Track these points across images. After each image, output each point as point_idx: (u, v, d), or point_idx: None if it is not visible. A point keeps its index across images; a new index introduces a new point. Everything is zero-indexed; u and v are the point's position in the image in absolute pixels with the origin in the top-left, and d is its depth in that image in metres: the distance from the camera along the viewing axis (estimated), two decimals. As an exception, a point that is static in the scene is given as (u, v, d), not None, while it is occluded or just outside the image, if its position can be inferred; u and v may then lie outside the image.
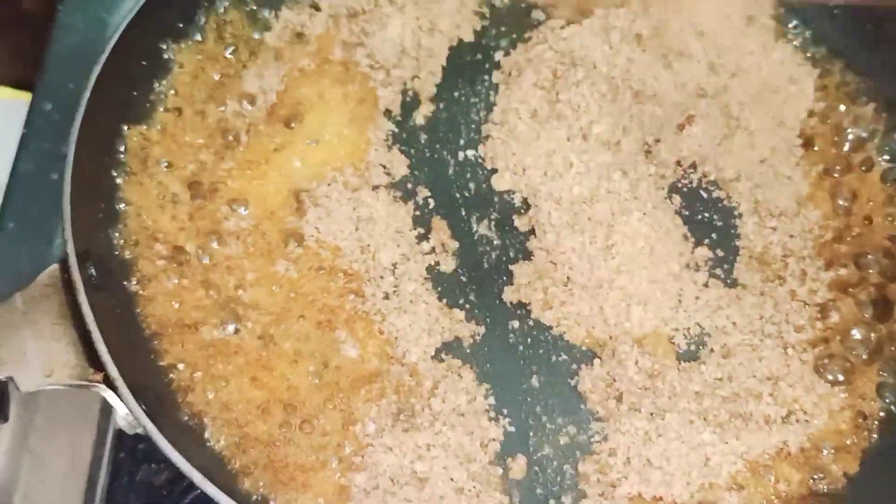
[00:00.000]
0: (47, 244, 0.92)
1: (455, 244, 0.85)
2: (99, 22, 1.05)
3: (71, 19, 1.04)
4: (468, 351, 0.81)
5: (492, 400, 0.79)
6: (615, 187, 0.83)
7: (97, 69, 0.82)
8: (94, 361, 0.68)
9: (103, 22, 1.05)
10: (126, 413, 0.66)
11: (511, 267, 0.83)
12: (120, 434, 0.77)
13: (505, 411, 0.78)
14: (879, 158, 0.87)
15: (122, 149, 0.84)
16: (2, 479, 0.78)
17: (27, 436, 0.72)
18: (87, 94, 0.79)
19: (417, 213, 0.86)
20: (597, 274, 0.80)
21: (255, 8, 0.93)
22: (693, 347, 0.80)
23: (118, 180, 0.83)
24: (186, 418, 0.73)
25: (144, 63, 0.89)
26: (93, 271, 0.73)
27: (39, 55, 1.05)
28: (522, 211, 0.86)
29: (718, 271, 0.83)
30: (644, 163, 0.86)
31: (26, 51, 1.10)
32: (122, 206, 0.82)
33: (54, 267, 0.71)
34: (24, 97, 1.08)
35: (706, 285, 0.82)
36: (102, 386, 0.67)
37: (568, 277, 0.81)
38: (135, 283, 0.79)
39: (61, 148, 0.95)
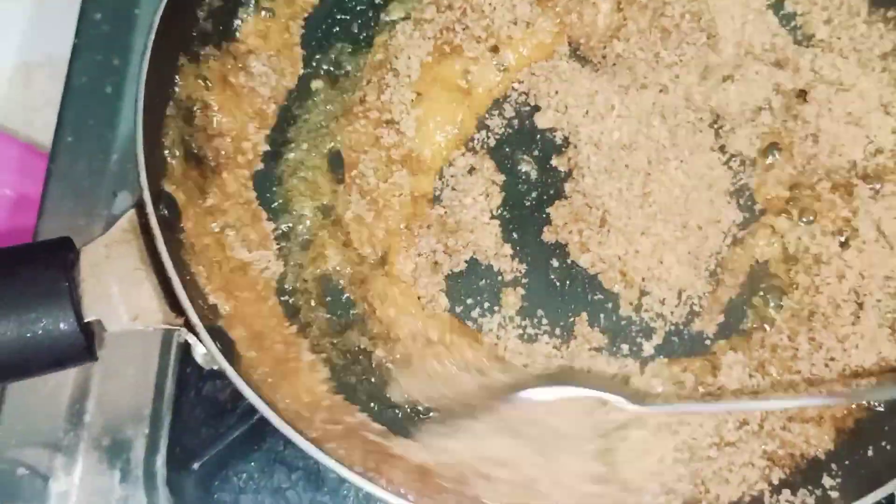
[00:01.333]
0: (104, 158, 0.96)
1: (502, 178, 0.89)
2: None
3: (117, -77, 1.03)
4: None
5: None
6: (655, 134, 0.87)
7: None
8: (174, 304, 0.73)
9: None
10: (204, 352, 0.72)
11: (548, 209, 0.88)
12: (185, 347, 0.84)
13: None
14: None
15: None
16: (76, 385, 0.86)
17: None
18: (154, 30, 0.79)
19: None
20: (633, 220, 0.85)
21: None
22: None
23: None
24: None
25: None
26: (166, 212, 0.77)
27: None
28: (563, 149, 0.90)
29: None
30: (685, 108, 0.88)
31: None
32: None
33: (132, 212, 0.75)
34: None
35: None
36: (184, 329, 0.72)
37: (604, 220, 0.86)
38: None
39: (112, 60, 0.98)
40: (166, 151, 0.82)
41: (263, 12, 0.90)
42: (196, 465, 0.85)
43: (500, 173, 0.89)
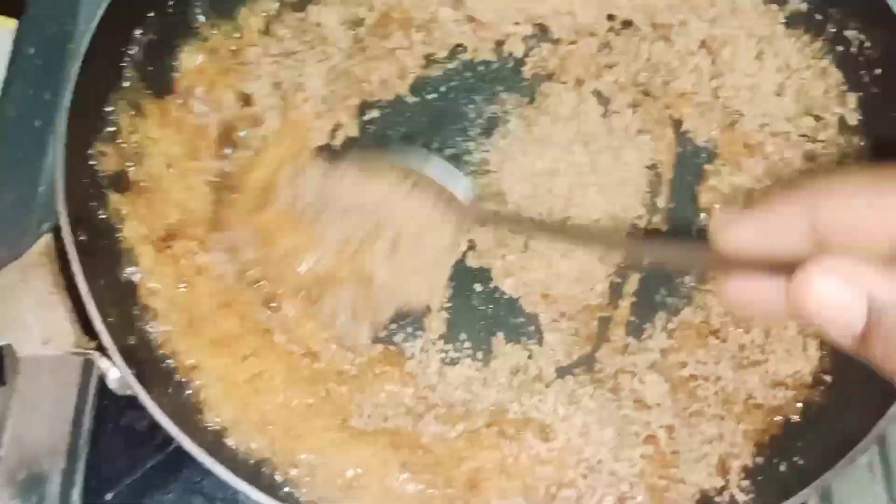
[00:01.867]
0: (32, 190, 0.97)
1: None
2: (82, -35, 1.06)
3: (52, -40, 1.05)
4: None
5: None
6: (576, 160, 0.89)
7: (88, 35, 0.81)
8: (88, 328, 0.73)
9: (86, -35, 1.06)
10: (118, 377, 0.72)
11: (472, 235, 0.89)
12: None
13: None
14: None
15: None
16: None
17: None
18: (78, 64, 0.80)
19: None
20: (553, 244, 0.86)
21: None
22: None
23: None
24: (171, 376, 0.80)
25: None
26: (83, 237, 0.77)
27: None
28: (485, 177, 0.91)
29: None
30: (606, 136, 0.90)
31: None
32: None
33: (48, 236, 0.75)
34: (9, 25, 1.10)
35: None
36: (97, 353, 0.72)
37: (526, 245, 0.87)
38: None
39: (44, 94, 0.98)
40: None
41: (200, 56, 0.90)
42: (110, 496, 0.84)
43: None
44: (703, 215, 0.89)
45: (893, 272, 0.38)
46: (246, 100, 0.90)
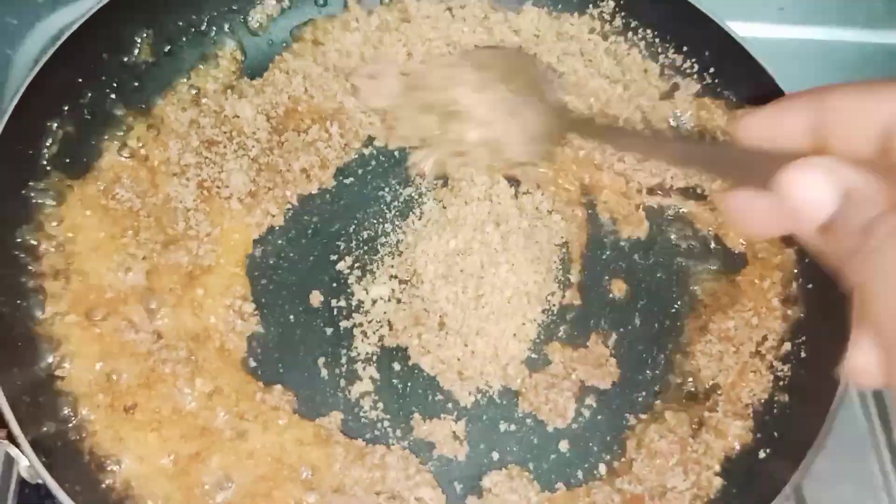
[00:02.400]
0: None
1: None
2: (2, 58, 1.08)
3: (-27, 51, 1.07)
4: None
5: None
6: (488, 239, 0.91)
7: (5, 118, 0.84)
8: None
9: (7, 59, 1.08)
10: (28, 465, 0.72)
11: (389, 314, 0.90)
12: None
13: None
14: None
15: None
16: None
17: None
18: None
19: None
20: (468, 322, 0.88)
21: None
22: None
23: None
24: (88, 464, 0.79)
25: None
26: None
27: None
28: (401, 256, 0.93)
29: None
30: (517, 216, 0.93)
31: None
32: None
33: (-40, 332, 0.76)
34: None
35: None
36: (6, 442, 0.72)
37: (442, 323, 0.89)
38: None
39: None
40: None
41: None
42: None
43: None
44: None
45: (864, 172, 0.45)
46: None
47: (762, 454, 0.85)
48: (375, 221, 0.95)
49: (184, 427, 0.83)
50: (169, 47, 0.98)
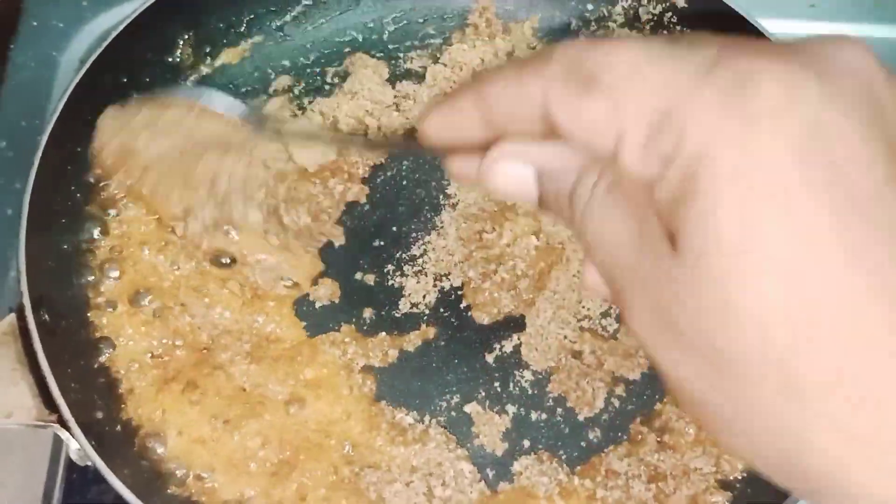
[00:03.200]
0: (3, 275, 1.00)
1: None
2: (49, 60, 1.11)
3: (23, 57, 1.11)
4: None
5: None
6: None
7: (54, 117, 0.88)
8: (49, 402, 0.76)
9: (53, 60, 1.12)
10: (77, 448, 0.75)
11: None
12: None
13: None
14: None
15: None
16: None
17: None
18: (41, 147, 0.85)
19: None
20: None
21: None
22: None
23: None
24: (134, 444, 0.82)
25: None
26: (46, 317, 0.80)
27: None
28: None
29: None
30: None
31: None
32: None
33: (12, 316, 0.79)
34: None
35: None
36: (57, 426, 0.75)
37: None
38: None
39: (14, 183, 1.03)
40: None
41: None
42: (78, 571, 0.86)
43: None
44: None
45: (548, 145, 0.45)
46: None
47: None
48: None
49: (231, 400, 0.86)
50: (209, 48, 1.00)
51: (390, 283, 0.94)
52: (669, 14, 1.04)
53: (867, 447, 0.36)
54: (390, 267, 0.94)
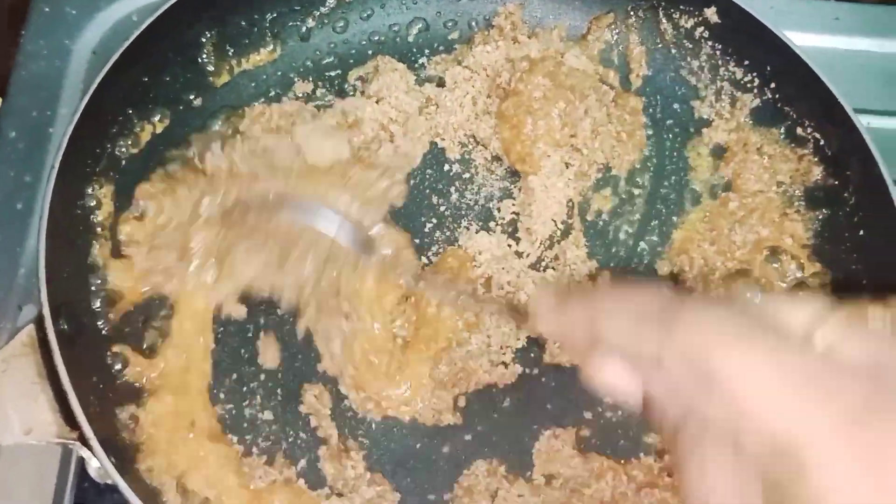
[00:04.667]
0: (12, 273, 0.97)
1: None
2: (61, 48, 1.08)
3: (34, 45, 1.07)
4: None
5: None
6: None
7: (75, 118, 0.85)
8: (69, 417, 0.74)
9: (66, 49, 1.08)
10: (98, 466, 0.73)
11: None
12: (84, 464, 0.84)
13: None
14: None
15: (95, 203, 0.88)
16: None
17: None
18: (61, 154, 0.83)
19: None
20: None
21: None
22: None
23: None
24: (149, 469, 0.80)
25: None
26: (65, 326, 0.78)
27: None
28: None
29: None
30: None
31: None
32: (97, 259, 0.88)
33: (31, 327, 0.77)
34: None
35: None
36: (78, 443, 0.73)
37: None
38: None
39: (25, 177, 1.00)
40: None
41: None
42: (89, 583, 0.84)
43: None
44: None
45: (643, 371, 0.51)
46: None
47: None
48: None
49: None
50: (232, 48, 0.98)
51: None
52: (701, 28, 1.02)
53: None
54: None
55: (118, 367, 0.83)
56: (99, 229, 0.88)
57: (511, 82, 0.97)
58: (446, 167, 1.00)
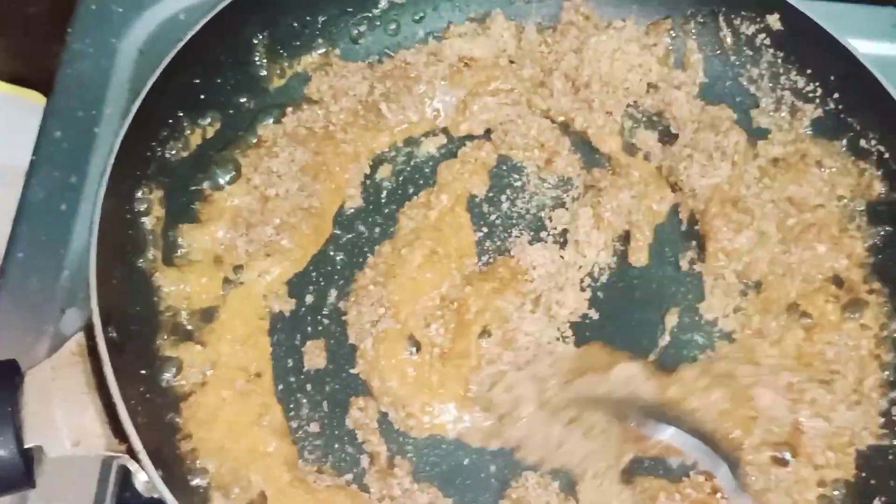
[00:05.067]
0: (55, 275, 0.96)
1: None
2: (108, 47, 1.07)
3: (80, 44, 1.06)
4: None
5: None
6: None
7: (127, 121, 0.84)
8: (117, 429, 0.72)
9: (112, 47, 1.07)
10: (146, 480, 0.72)
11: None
12: (125, 472, 0.83)
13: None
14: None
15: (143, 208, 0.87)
16: (11, 504, 0.84)
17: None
18: (113, 158, 0.81)
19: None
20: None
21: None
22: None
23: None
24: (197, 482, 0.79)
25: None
26: (114, 334, 0.77)
27: (45, 56, 1.08)
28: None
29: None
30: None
31: (30, 51, 1.13)
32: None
33: (80, 335, 0.75)
34: (27, 94, 1.11)
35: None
36: (126, 457, 0.72)
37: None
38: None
39: (70, 177, 0.99)
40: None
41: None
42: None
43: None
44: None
45: None
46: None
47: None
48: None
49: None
50: (283, 51, 0.97)
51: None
52: (763, 35, 0.99)
53: None
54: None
55: (167, 374, 0.81)
56: (150, 236, 0.86)
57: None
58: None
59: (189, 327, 0.85)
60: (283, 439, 0.83)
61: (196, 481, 0.79)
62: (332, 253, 0.93)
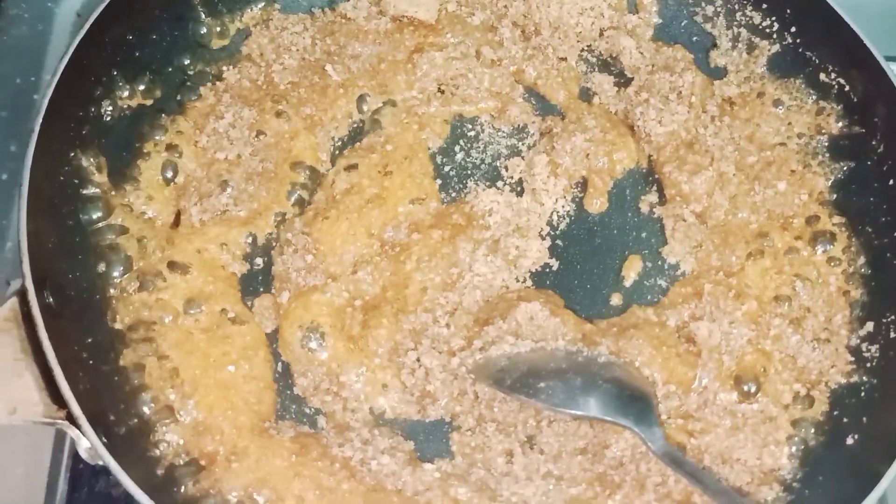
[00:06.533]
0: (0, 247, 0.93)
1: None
2: (44, 11, 1.04)
3: (16, 9, 1.03)
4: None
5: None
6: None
7: (55, 79, 0.80)
8: (56, 396, 0.70)
9: (49, 11, 1.04)
10: (88, 446, 0.69)
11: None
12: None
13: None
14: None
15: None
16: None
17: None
18: (42, 113, 0.78)
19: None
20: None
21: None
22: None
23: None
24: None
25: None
26: (51, 299, 0.74)
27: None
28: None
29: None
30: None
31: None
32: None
33: (14, 300, 0.72)
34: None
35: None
36: (66, 423, 0.69)
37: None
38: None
39: (10, 146, 0.95)
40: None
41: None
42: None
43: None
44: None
45: None
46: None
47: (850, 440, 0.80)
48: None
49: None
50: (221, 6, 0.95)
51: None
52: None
53: None
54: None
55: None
56: (98, 202, 0.82)
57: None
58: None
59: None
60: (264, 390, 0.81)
61: (157, 452, 0.77)
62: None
